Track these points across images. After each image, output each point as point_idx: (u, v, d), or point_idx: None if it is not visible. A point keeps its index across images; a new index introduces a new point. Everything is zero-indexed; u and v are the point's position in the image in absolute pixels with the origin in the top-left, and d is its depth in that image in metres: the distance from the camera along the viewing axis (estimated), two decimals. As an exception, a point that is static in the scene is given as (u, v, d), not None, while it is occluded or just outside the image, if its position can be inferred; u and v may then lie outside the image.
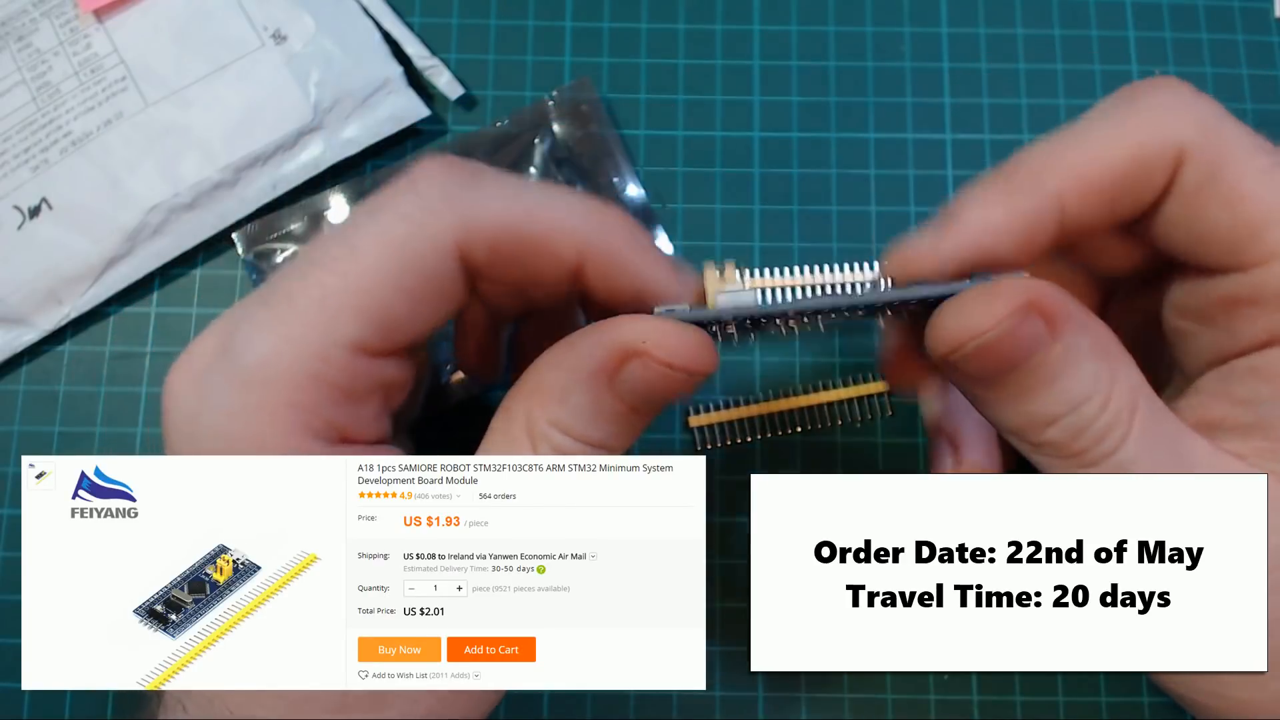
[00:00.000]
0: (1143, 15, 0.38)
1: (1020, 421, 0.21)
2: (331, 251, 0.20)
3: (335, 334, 0.20)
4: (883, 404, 0.34)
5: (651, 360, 0.20)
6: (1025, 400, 0.20)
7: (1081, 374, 0.20)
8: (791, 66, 0.38)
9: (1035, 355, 0.20)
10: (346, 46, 0.36)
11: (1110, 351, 0.20)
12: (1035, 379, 0.20)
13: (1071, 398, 0.20)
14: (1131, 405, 0.20)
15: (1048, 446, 0.20)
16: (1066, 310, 0.20)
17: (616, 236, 0.22)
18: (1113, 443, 0.20)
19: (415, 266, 0.20)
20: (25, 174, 0.35)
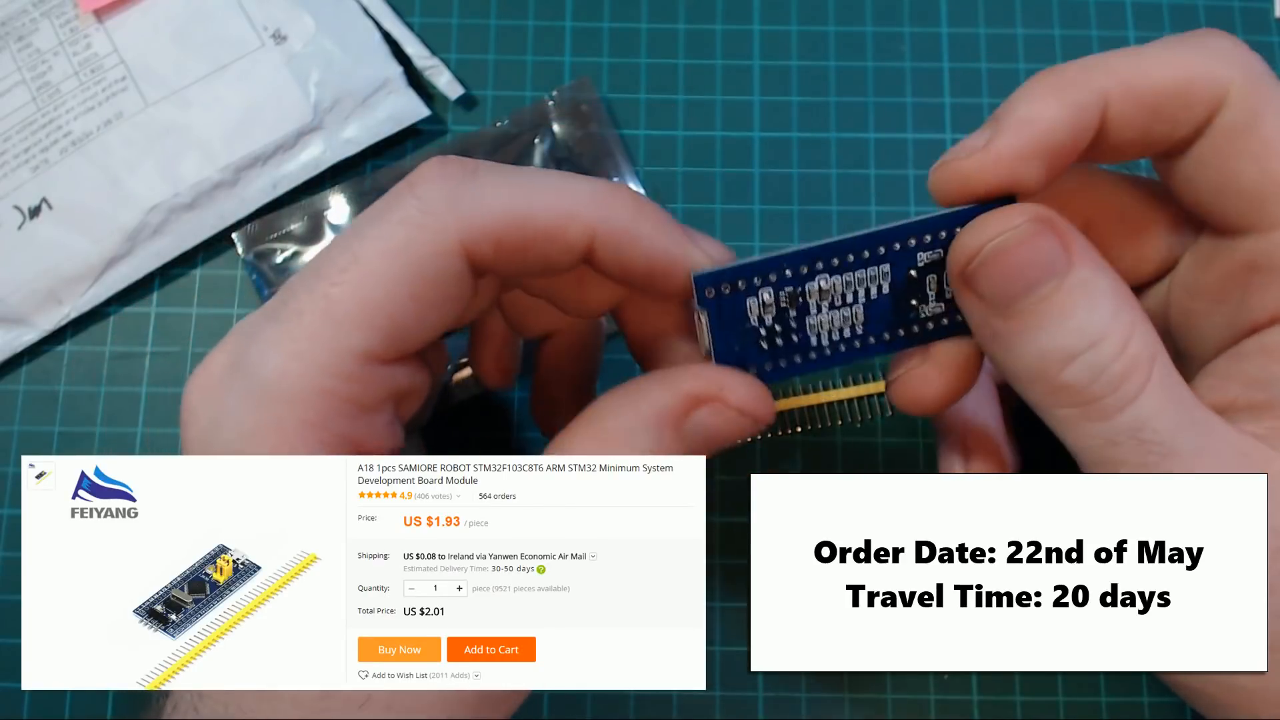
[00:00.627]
0: (1143, 15, 0.38)
1: (1036, 362, 0.20)
2: (336, 262, 0.20)
3: (345, 345, 0.20)
4: (883, 404, 0.34)
5: (724, 407, 0.22)
6: (1042, 332, 0.20)
7: (1100, 309, 0.20)
8: (791, 66, 0.38)
9: (1051, 279, 0.20)
10: (346, 46, 0.36)
11: (1130, 300, 0.20)
12: (1052, 306, 0.20)
13: (1089, 333, 0.20)
14: (1151, 354, 0.20)
15: (1065, 393, 0.20)
16: (1083, 242, 0.20)
17: (624, 214, 0.21)
18: (1132, 389, 0.19)
19: (420, 271, 0.20)
20: (25, 174, 0.35)
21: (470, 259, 0.21)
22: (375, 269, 0.20)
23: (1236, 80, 0.21)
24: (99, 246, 0.34)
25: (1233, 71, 0.21)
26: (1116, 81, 0.21)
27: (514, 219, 0.21)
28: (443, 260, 0.20)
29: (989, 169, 0.21)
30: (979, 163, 0.21)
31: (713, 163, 0.37)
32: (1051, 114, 0.21)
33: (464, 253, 0.21)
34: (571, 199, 0.21)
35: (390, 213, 0.21)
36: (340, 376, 0.20)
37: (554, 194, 0.21)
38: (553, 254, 0.21)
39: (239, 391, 0.20)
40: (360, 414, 0.21)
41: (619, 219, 0.21)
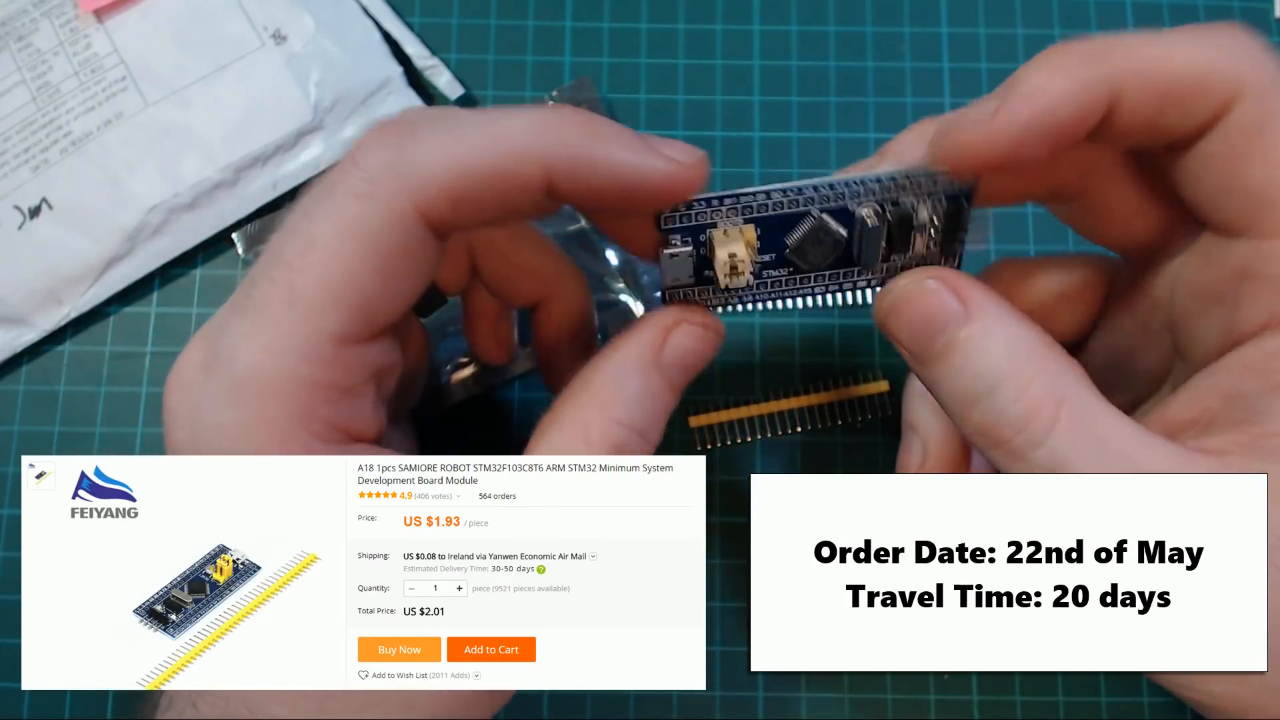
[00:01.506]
0: (1143, 15, 0.38)
1: (948, 401, 0.22)
2: (293, 246, 0.20)
3: (316, 331, 0.20)
4: (883, 404, 0.34)
5: (689, 325, 0.23)
6: (947, 377, 0.21)
7: (994, 355, 0.21)
8: (791, 66, 0.38)
9: (947, 329, 0.21)
10: (346, 46, 0.36)
11: (1035, 350, 0.21)
12: (953, 354, 0.21)
13: (986, 378, 0.21)
14: (1055, 399, 0.20)
15: (977, 436, 0.21)
16: (984, 298, 0.21)
17: (575, 139, 0.21)
18: (1035, 434, 0.20)
19: (379, 243, 0.20)
20: (25, 174, 0.35)
21: (428, 220, 0.20)
22: (333, 249, 0.20)
23: (1253, 78, 0.20)
24: (99, 246, 0.34)
25: (1251, 69, 0.21)
26: (1133, 63, 0.21)
27: (462, 170, 0.20)
28: (399, 227, 0.20)
29: (992, 142, 0.21)
30: (982, 134, 0.21)
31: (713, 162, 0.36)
32: (1061, 88, 0.21)
33: (419, 215, 0.20)
34: (518, 136, 0.20)
35: (337, 188, 0.20)
36: (317, 362, 0.20)
37: (499, 136, 0.20)
38: (511, 196, 0.21)
39: (215, 390, 0.20)
40: (343, 397, 0.20)
41: (570, 145, 0.21)
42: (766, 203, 0.23)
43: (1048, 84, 0.21)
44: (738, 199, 0.23)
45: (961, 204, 0.23)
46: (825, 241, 0.23)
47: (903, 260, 0.24)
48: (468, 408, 0.34)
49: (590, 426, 0.22)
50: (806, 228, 0.23)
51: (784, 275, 0.24)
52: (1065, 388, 0.20)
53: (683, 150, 0.22)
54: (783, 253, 0.23)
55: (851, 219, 0.23)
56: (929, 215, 0.23)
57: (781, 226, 0.23)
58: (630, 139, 0.21)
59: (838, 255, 0.24)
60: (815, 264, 0.24)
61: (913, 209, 0.23)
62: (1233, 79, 0.21)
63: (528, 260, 0.26)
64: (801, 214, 0.23)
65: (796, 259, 0.24)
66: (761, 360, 0.35)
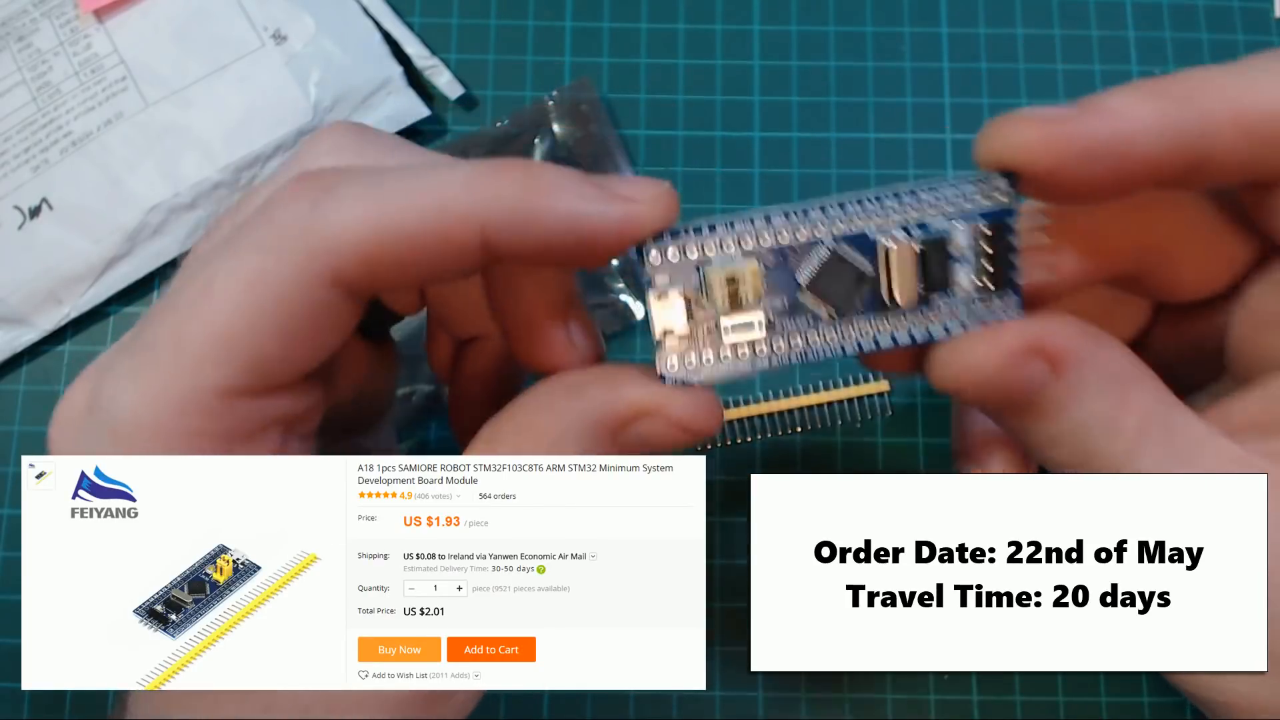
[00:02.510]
0: (1143, 15, 0.38)
1: (1026, 441, 0.21)
2: (187, 293, 0.19)
3: (199, 382, 0.18)
4: (883, 404, 0.34)
5: (665, 422, 0.20)
6: (1030, 427, 0.20)
7: (1085, 404, 0.20)
8: (791, 66, 0.37)
9: (1035, 394, 0.20)
10: (346, 46, 0.36)
11: (1120, 375, 0.20)
12: (1038, 412, 0.20)
13: (1075, 426, 0.20)
14: (1141, 428, 0.20)
15: (1053, 462, 0.21)
16: (1071, 348, 0.19)
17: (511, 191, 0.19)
18: (1118, 464, 0.20)
19: (279, 302, 0.18)
20: (25, 174, 0.35)
21: (341, 282, 0.19)
22: (229, 301, 0.18)
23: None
24: (99, 246, 0.34)
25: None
26: (1226, 105, 0.19)
27: (380, 230, 0.18)
28: (304, 289, 0.19)
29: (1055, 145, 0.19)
30: (1047, 133, 0.19)
31: (713, 163, 0.37)
32: (1147, 117, 0.19)
33: (331, 278, 0.19)
34: (447, 193, 0.19)
35: (245, 239, 0.19)
36: (199, 414, 0.19)
37: (424, 193, 0.19)
38: (436, 260, 0.19)
39: (95, 433, 0.19)
40: (233, 445, 0.19)
41: (508, 200, 0.19)
42: (767, 228, 0.20)
43: (1133, 108, 0.19)
44: (730, 224, 0.20)
45: (1005, 223, 0.20)
46: (846, 277, 0.20)
47: (948, 304, 0.20)
48: (468, 408, 0.34)
49: None
50: (820, 260, 0.20)
51: (803, 327, 0.20)
52: (1149, 410, 0.20)
53: (642, 187, 0.19)
54: (796, 294, 0.20)
55: (873, 248, 0.20)
56: (968, 242, 0.20)
57: (790, 260, 0.20)
58: (577, 185, 0.19)
59: (865, 296, 0.20)
60: (841, 307, 0.20)
61: (946, 234, 0.20)
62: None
63: (473, 295, 0.24)
64: (812, 243, 0.20)
65: (814, 304, 0.20)
66: (761, 360, 0.35)
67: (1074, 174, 0.19)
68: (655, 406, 0.20)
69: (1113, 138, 0.19)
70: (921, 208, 0.20)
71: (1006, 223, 0.20)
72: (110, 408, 0.19)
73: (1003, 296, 0.20)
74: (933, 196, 0.20)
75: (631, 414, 0.20)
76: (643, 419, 0.20)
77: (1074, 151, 0.19)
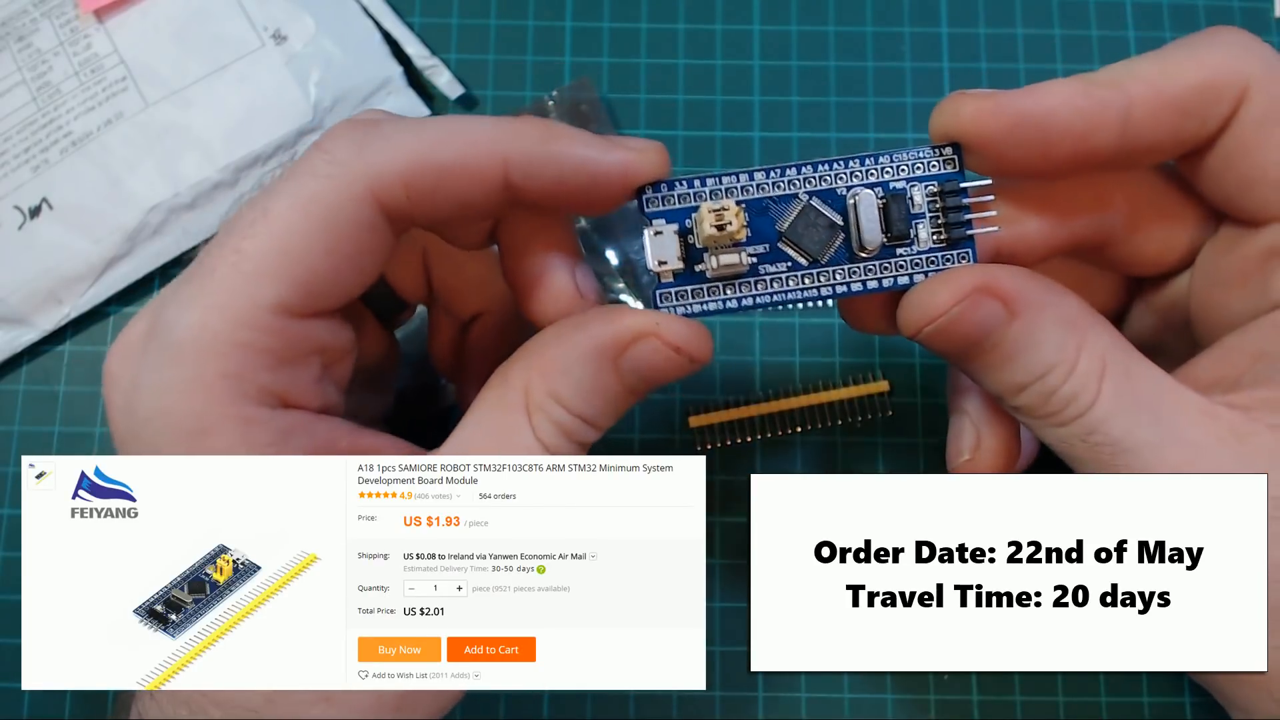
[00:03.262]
0: (1143, 15, 0.38)
1: (995, 389, 0.22)
2: (246, 217, 0.20)
3: (257, 297, 0.20)
4: (883, 404, 0.34)
5: (660, 342, 0.22)
6: (994, 372, 0.22)
7: (1043, 346, 0.21)
8: (791, 66, 0.37)
9: (993, 334, 0.21)
10: (346, 46, 0.36)
11: (1075, 320, 0.21)
12: (999, 354, 0.21)
13: (1034, 368, 0.21)
14: (1099, 370, 0.21)
15: (1022, 410, 0.22)
16: (1022, 290, 0.21)
17: (532, 135, 0.21)
18: (1082, 405, 0.21)
19: (330, 220, 0.20)
20: (26, 174, 0.35)
21: (382, 206, 0.21)
22: (285, 221, 0.20)
23: (1256, 73, 0.21)
24: (99, 246, 0.34)
25: (1253, 65, 0.21)
26: (1144, 87, 0.21)
27: (420, 159, 0.21)
28: (352, 208, 0.20)
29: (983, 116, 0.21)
30: (978, 108, 0.21)
31: (713, 162, 0.37)
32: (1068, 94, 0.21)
33: (374, 200, 0.21)
34: (477, 134, 0.21)
35: (300, 169, 0.21)
36: (255, 328, 0.20)
37: (458, 132, 0.21)
38: (466, 190, 0.21)
39: (155, 351, 0.20)
40: (281, 366, 0.21)
41: (527, 142, 0.21)
42: (750, 184, 0.23)
43: (1057, 88, 0.21)
44: (719, 179, 0.22)
45: (955, 184, 0.22)
46: (820, 225, 0.23)
47: (911, 254, 0.23)
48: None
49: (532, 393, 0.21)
50: (796, 211, 0.23)
51: (784, 271, 0.23)
52: (1105, 353, 0.21)
53: (638, 141, 0.22)
54: (776, 243, 0.23)
55: (842, 203, 0.23)
56: (925, 199, 0.23)
57: (771, 211, 0.23)
58: (587, 136, 0.22)
59: (838, 246, 0.23)
60: (815, 254, 0.23)
61: (905, 192, 0.22)
62: (1237, 78, 0.21)
63: (475, 271, 0.27)
64: (789, 196, 0.23)
65: (792, 249, 0.23)
66: (761, 360, 0.35)
67: (1004, 142, 0.21)
68: (651, 328, 0.22)
69: (1036, 110, 0.21)
70: (881, 169, 0.23)
71: (957, 184, 0.23)
72: (172, 328, 0.20)
73: (958, 248, 0.23)
74: (892, 160, 0.23)
75: (630, 336, 0.22)
76: (640, 341, 0.22)
77: (1003, 123, 0.21)
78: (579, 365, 0.22)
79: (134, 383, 0.20)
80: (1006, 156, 0.22)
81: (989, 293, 0.21)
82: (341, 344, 0.22)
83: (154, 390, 0.20)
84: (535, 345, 0.22)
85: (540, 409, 0.21)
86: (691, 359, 0.22)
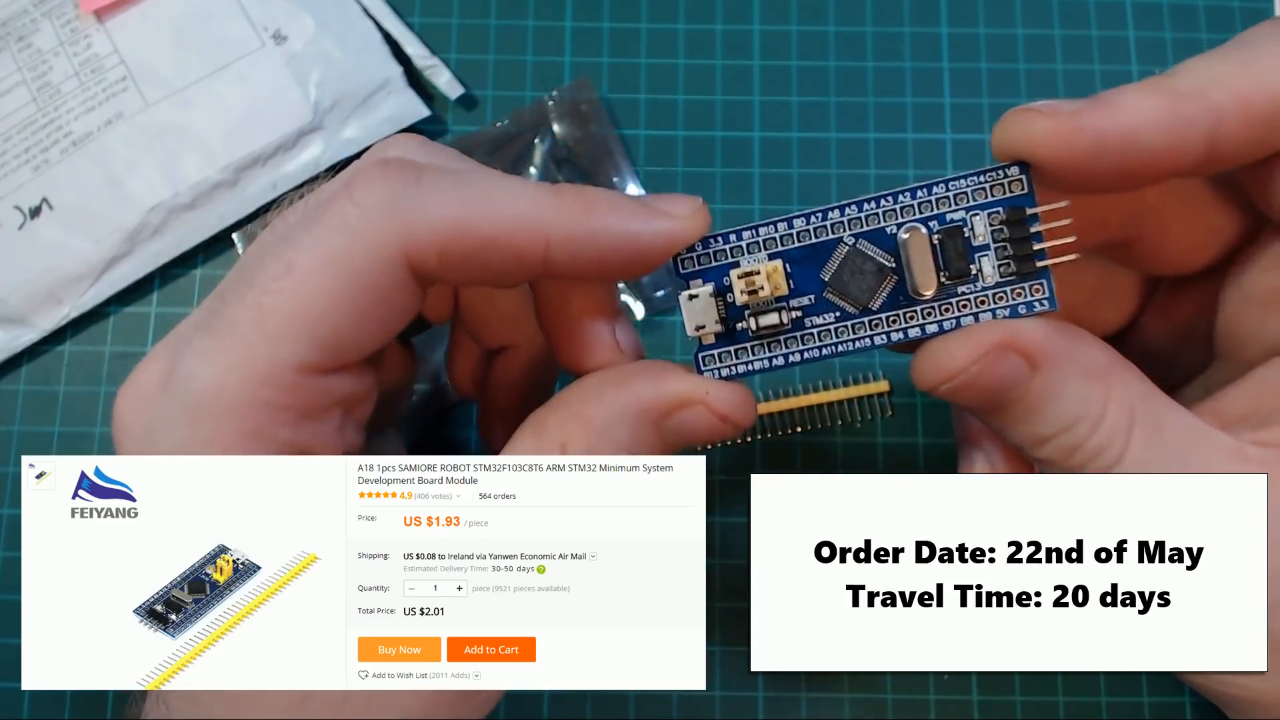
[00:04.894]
0: (1143, 15, 0.38)
1: (1017, 441, 0.21)
2: (269, 269, 0.19)
3: (279, 357, 0.19)
4: (883, 404, 0.34)
5: (708, 411, 0.21)
6: (1017, 425, 0.21)
7: (1067, 400, 0.20)
8: (791, 66, 0.37)
9: (1015, 389, 0.20)
10: (346, 46, 0.36)
11: (1102, 371, 0.20)
12: (1021, 409, 0.20)
13: (1059, 422, 0.20)
14: (1128, 422, 0.20)
15: (1046, 463, 0.21)
16: (1045, 342, 0.20)
17: (576, 209, 0.20)
18: (1110, 458, 0.20)
19: (358, 281, 0.19)
20: (26, 174, 0.35)
21: (413, 268, 0.20)
22: (311, 278, 0.19)
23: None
24: (99, 246, 0.34)
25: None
26: (1232, 96, 0.19)
27: (458, 228, 0.20)
28: (383, 270, 0.20)
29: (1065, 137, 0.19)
30: (1055, 128, 0.19)
31: (712, 163, 0.37)
32: (1153, 112, 0.19)
33: (406, 262, 0.20)
34: (518, 207, 0.20)
35: (327, 218, 0.20)
36: (277, 387, 0.19)
37: (503, 202, 0.20)
38: (500, 263, 0.20)
39: (171, 406, 0.20)
40: (302, 421, 0.20)
41: (570, 219, 0.20)
42: (789, 232, 0.21)
43: (1140, 103, 0.19)
44: (755, 230, 0.21)
45: (1024, 210, 0.20)
46: (868, 270, 0.21)
47: (974, 293, 0.21)
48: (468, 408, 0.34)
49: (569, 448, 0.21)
50: (841, 256, 0.21)
51: (831, 322, 0.21)
52: (1134, 405, 0.20)
53: (680, 204, 0.21)
54: (822, 292, 0.21)
55: (892, 242, 0.21)
56: (987, 230, 0.20)
57: (813, 259, 0.21)
58: (626, 204, 0.21)
59: (893, 289, 0.21)
60: (864, 301, 0.21)
61: (964, 223, 0.20)
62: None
63: (506, 305, 0.25)
64: (833, 242, 0.21)
65: (839, 298, 0.21)
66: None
67: (1083, 166, 0.19)
68: (697, 397, 0.21)
69: (1120, 130, 0.19)
70: (936, 201, 0.21)
71: (1025, 210, 0.20)
72: (189, 381, 0.19)
73: (1031, 281, 0.21)
74: (946, 190, 0.20)
75: (675, 403, 0.21)
76: (685, 409, 0.21)
77: (1084, 144, 0.19)
78: (619, 425, 0.21)
79: (149, 434, 0.20)
80: (1079, 179, 0.20)
81: (1010, 349, 0.20)
82: (363, 391, 0.22)
83: (170, 448, 0.20)
84: (573, 397, 0.22)
85: None
86: (736, 426, 0.22)
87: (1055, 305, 0.21)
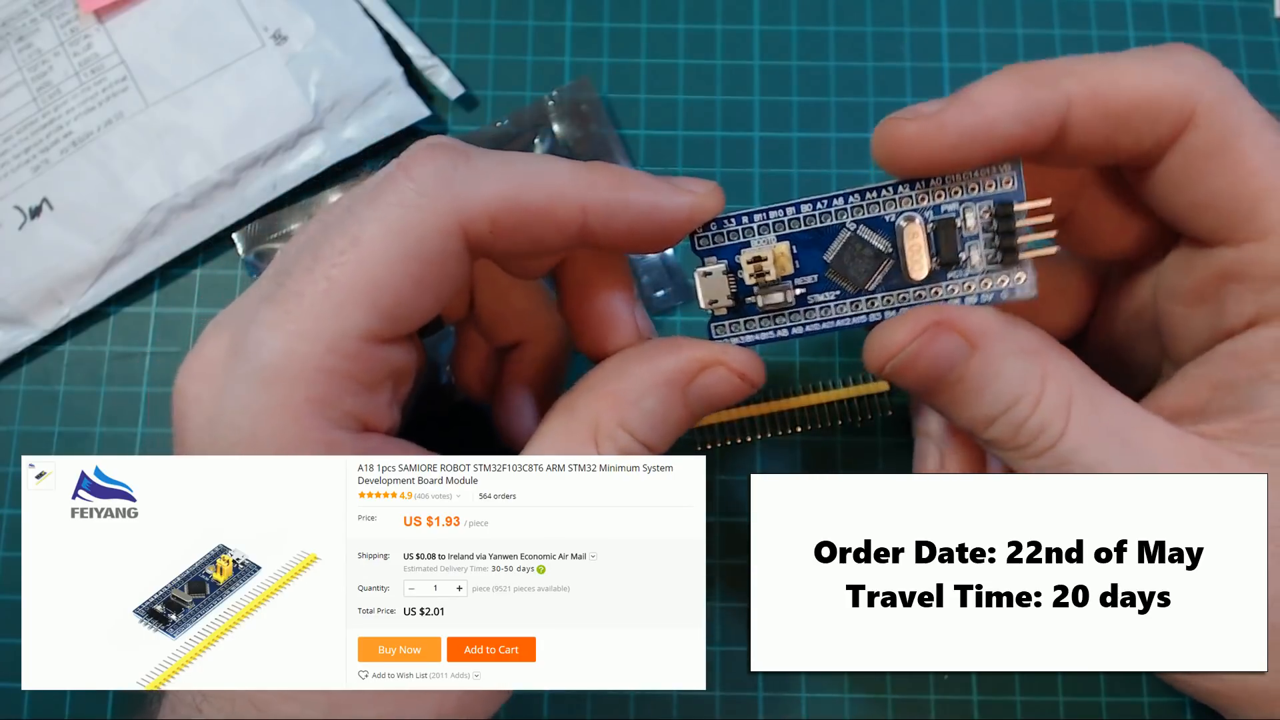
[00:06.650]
0: (1143, 15, 0.38)
1: (965, 424, 0.22)
2: (335, 244, 0.21)
3: (346, 326, 0.20)
4: (883, 404, 0.34)
5: (727, 370, 0.23)
6: (962, 407, 0.22)
7: (1006, 378, 0.21)
8: (791, 66, 0.37)
9: (955, 368, 0.21)
10: (346, 47, 0.36)
11: (1039, 352, 0.21)
12: (964, 388, 0.21)
13: (1001, 401, 0.21)
14: (1066, 400, 0.21)
15: (994, 444, 0.22)
16: (980, 323, 0.21)
17: (609, 184, 0.22)
18: (1052, 436, 0.21)
19: (419, 252, 0.21)
20: (26, 174, 0.35)
21: (468, 239, 0.21)
22: (376, 250, 0.20)
23: (1206, 99, 0.21)
24: (99, 246, 0.34)
25: (1204, 87, 0.21)
26: (1085, 87, 0.21)
27: (508, 199, 0.21)
28: (441, 240, 0.21)
29: (929, 140, 0.21)
30: (922, 130, 0.21)
31: (713, 163, 0.37)
32: (1008, 102, 0.21)
33: (462, 233, 0.21)
34: (560, 179, 0.22)
35: (386, 195, 0.21)
36: (344, 355, 0.20)
37: (545, 175, 0.22)
38: (545, 233, 0.22)
39: (242, 375, 0.20)
40: (364, 392, 0.21)
41: (604, 190, 0.22)
42: (797, 216, 0.23)
43: (996, 96, 0.21)
44: (766, 213, 0.23)
45: (1011, 206, 0.22)
46: (866, 254, 0.23)
47: (961, 278, 0.23)
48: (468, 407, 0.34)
49: (601, 423, 0.22)
50: (842, 241, 0.23)
51: (831, 299, 0.23)
52: (1071, 384, 0.21)
53: (699, 183, 0.23)
54: (824, 273, 0.23)
55: (891, 229, 0.23)
56: (978, 222, 0.22)
57: (817, 243, 0.23)
58: (652, 181, 0.23)
59: (888, 272, 0.23)
60: (861, 282, 0.23)
61: (957, 215, 0.22)
62: (1184, 101, 0.21)
63: (520, 301, 0.27)
64: (836, 227, 0.23)
65: (839, 279, 0.23)
66: (761, 360, 0.35)
67: (954, 159, 0.22)
68: (716, 359, 0.23)
69: (979, 123, 0.21)
70: (932, 193, 0.22)
71: (1014, 205, 0.22)
72: (259, 350, 0.20)
73: (1014, 270, 0.22)
74: (941, 184, 0.22)
75: (697, 367, 0.23)
76: (707, 371, 0.23)
77: (948, 141, 0.21)
78: (649, 396, 0.22)
79: (216, 403, 0.20)
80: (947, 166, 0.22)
81: (946, 327, 0.21)
82: (410, 365, 0.23)
83: (241, 413, 0.20)
84: (600, 378, 0.23)
85: (610, 438, 0.22)
86: (752, 384, 0.23)
87: (1035, 292, 0.22)
